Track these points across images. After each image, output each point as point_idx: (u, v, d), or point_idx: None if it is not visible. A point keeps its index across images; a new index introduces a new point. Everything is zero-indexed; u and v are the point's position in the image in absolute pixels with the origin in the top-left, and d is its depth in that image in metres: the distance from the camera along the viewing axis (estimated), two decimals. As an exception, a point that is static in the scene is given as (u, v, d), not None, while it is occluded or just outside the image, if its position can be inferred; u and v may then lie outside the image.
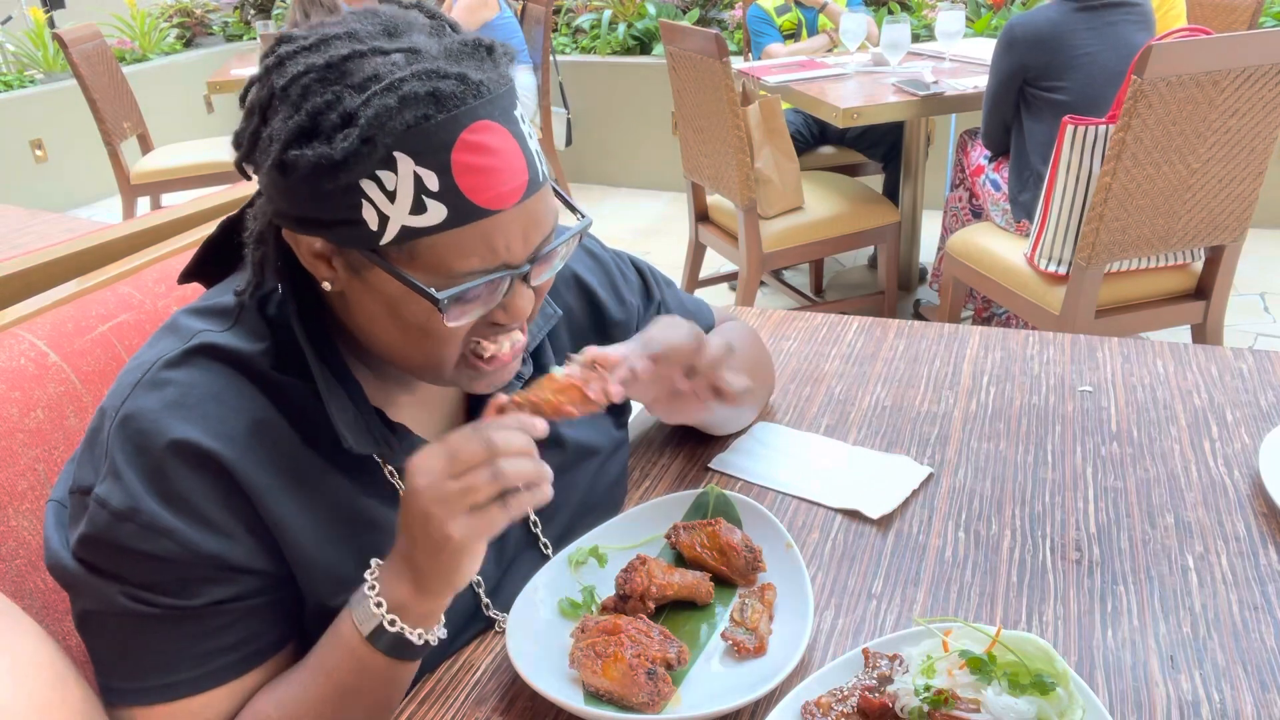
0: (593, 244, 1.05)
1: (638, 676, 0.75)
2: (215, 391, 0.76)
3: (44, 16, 6.08)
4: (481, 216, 0.69)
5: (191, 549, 0.72)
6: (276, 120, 0.69)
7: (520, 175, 0.70)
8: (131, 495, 0.71)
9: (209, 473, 0.73)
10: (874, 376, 1.26)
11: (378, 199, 0.67)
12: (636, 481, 1.08)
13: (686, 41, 2.97)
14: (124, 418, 0.74)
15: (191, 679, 0.75)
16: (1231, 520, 0.95)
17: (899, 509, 1.00)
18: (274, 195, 0.72)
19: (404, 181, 0.67)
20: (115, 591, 0.73)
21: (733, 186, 2.96)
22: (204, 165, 4.35)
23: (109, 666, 0.76)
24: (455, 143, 0.67)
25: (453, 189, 0.67)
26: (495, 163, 0.69)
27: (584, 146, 5.35)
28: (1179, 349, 1.28)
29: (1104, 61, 2.46)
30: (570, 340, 0.98)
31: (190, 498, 0.72)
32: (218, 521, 0.73)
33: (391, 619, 0.73)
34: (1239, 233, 2.38)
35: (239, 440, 0.75)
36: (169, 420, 0.73)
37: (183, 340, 0.78)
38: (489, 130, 0.68)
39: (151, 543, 0.72)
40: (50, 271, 1.16)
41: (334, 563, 0.79)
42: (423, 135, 0.66)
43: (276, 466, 0.76)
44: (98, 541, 0.72)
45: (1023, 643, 0.69)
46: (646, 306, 1.07)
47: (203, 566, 0.73)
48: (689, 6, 5.52)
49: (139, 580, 0.73)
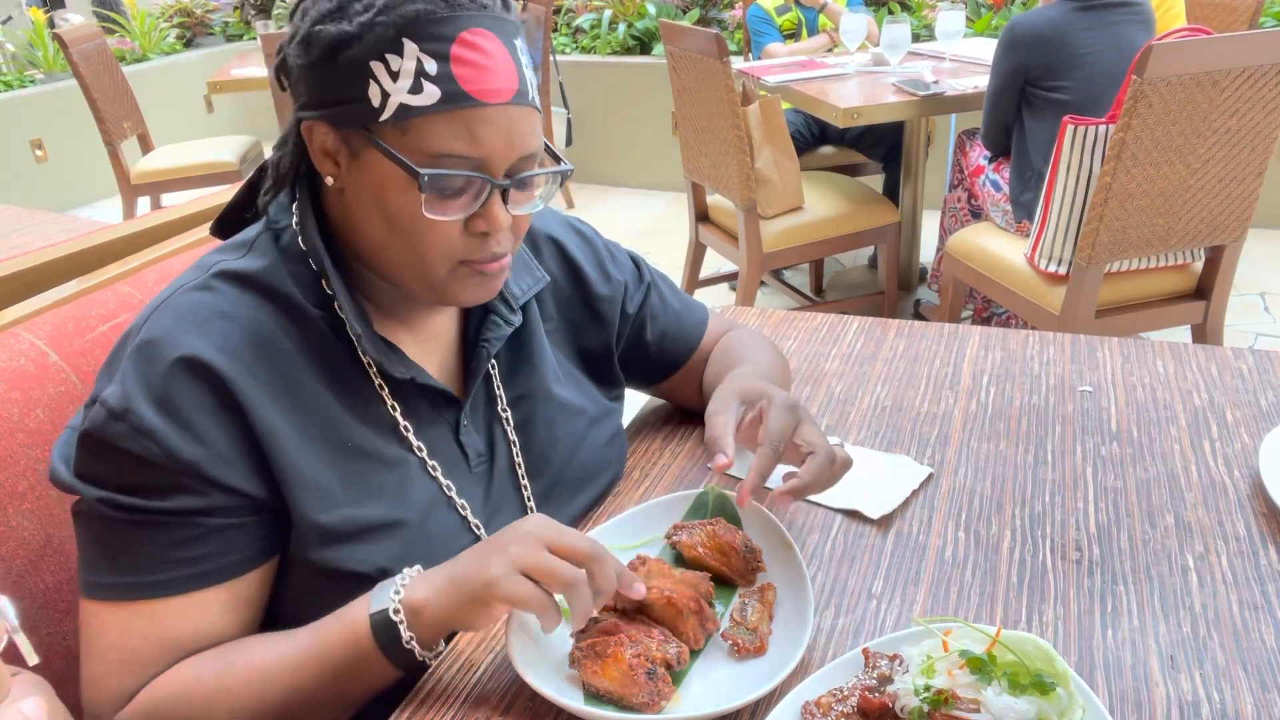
0: (583, 227, 1.09)
1: (638, 676, 0.75)
2: (225, 309, 0.82)
3: (44, 16, 6.08)
4: (469, 104, 0.76)
5: (170, 454, 0.77)
6: (312, 8, 0.78)
7: (511, 81, 0.78)
8: (127, 397, 0.77)
9: (207, 385, 0.78)
10: (874, 376, 1.26)
11: (383, 79, 0.75)
12: (637, 481, 1.08)
13: (686, 41, 2.97)
14: (141, 336, 0.80)
15: (151, 583, 0.78)
16: (1231, 520, 0.95)
17: (899, 509, 1.00)
18: (298, 79, 0.80)
19: (408, 63, 0.75)
20: (96, 490, 0.78)
21: (733, 186, 2.96)
22: (204, 165, 4.35)
23: (86, 561, 0.81)
24: (456, 38, 0.75)
25: (448, 75, 0.75)
26: (489, 63, 0.77)
27: (584, 146, 5.35)
28: (1179, 349, 1.28)
29: (1105, 61, 2.46)
30: (556, 309, 1.03)
31: (182, 406, 0.77)
32: (203, 432, 0.78)
33: (398, 609, 0.76)
34: (1239, 233, 2.38)
35: (242, 355, 0.80)
36: (179, 336, 0.79)
37: (203, 271, 0.85)
38: (486, 37, 0.77)
39: (136, 443, 0.76)
40: (50, 271, 1.16)
41: (321, 480, 0.82)
42: (429, 24, 0.75)
43: (276, 382, 0.81)
44: (89, 438, 0.78)
45: (1023, 643, 0.69)
46: (637, 286, 1.09)
47: (179, 474, 0.77)
48: (689, 6, 5.52)
49: (120, 481, 0.78)
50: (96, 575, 0.79)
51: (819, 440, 0.88)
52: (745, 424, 0.91)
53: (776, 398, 0.90)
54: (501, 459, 0.96)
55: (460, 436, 0.93)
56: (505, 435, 0.96)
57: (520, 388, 0.98)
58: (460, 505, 0.91)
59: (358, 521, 0.83)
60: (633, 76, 5.26)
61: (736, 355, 1.10)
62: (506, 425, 0.97)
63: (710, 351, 1.15)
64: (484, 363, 0.93)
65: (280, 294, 0.84)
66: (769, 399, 0.90)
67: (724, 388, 0.97)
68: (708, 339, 1.15)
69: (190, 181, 4.34)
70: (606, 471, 1.06)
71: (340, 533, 0.83)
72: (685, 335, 1.13)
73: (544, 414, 0.99)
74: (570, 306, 1.04)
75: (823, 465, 0.86)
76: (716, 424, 0.91)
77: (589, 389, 1.06)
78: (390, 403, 0.88)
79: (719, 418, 0.91)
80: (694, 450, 1.13)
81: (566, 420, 1.01)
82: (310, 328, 0.85)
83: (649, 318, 1.10)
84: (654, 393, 1.20)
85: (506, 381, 0.98)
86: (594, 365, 1.07)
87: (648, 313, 1.10)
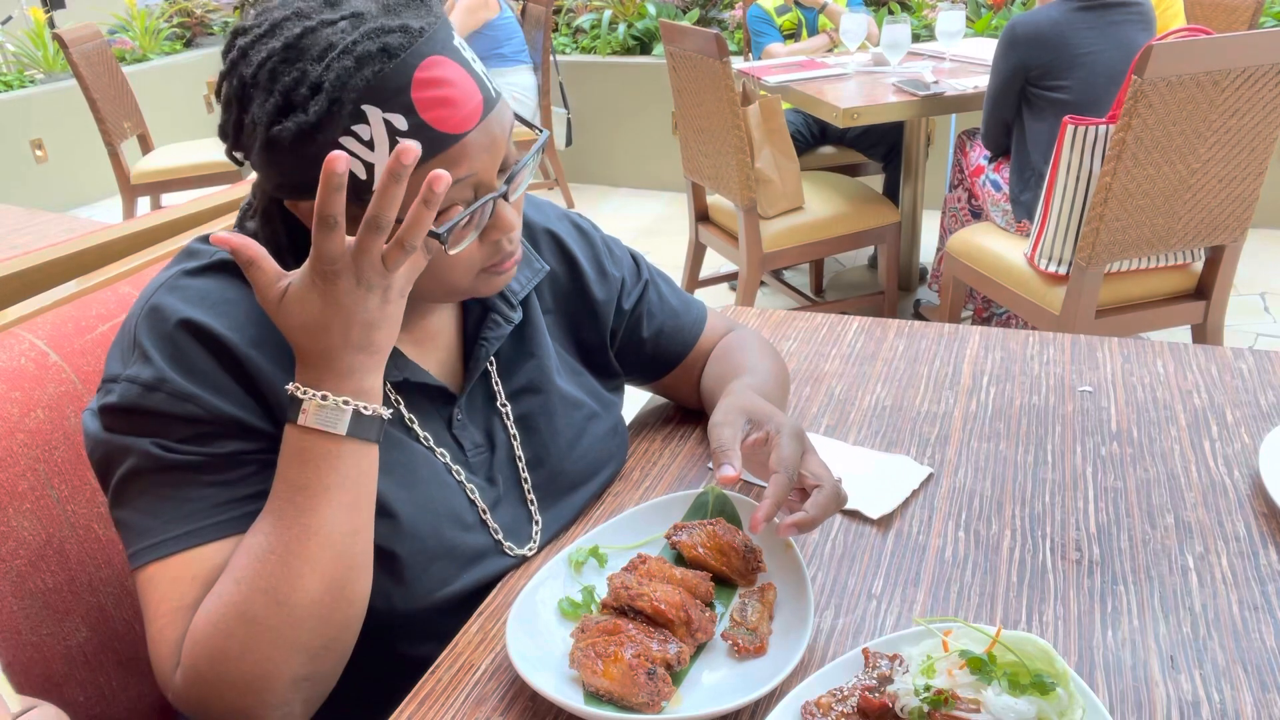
0: (582, 222, 1.09)
1: (638, 676, 0.75)
2: (231, 298, 0.82)
3: (44, 16, 6.07)
4: (452, 142, 0.75)
5: (214, 411, 0.79)
6: (254, 106, 0.76)
7: (475, 97, 0.77)
8: (158, 370, 0.78)
9: (221, 351, 0.80)
10: (874, 376, 1.26)
11: (360, 151, 0.74)
12: (637, 481, 1.08)
13: (686, 41, 2.97)
14: (147, 312, 0.81)
15: (211, 525, 0.79)
16: (1231, 520, 0.95)
17: (899, 509, 1.00)
18: (270, 173, 0.79)
19: (377, 129, 0.74)
20: (148, 444, 0.78)
21: (733, 186, 2.96)
22: (204, 165, 4.36)
23: (137, 531, 0.79)
24: (411, 83, 0.74)
25: (420, 124, 0.74)
26: (451, 92, 0.75)
27: (584, 146, 5.35)
28: (1179, 349, 1.28)
29: (1105, 61, 2.46)
30: (554, 302, 1.04)
31: (207, 371, 0.79)
32: (232, 392, 0.80)
33: (309, 393, 0.75)
34: (1239, 233, 2.38)
35: (249, 338, 0.81)
36: (183, 306, 0.80)
37: (202, 259, 0.85)
38: (438, 64, 0.75)
39: (180, 407, 0.78)
40: (50, 271, 1.16)
41: None
42: (382, 84, 0.73)
43: (276, 354, 0.82)
44: (130, 410, 0.79)
45: (1023, 643, 0.69)
46: (634, 282, 1.10)
47: (224, 424, 0.79)
48: (689, 6, 5.52)
49: (169, 435, 0.79)
50: (149, 539, 0.78)
51: (825, 474, 0.87)
52: (748, 443, 0.90)
53: (786, 425, 0.89)
54: (501, 451, 0.96)
55: (454, 430, 0.93)
56: (505, 428, 0.97)
57: (520, 381, 0.99)
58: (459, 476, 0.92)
59: None
60: (633, 76, 5.26)
61: (737, 361, 1.10)
62: (506, 419, 0.97)
63: (709, 350, 1.15)
64: (483, 361, 0.94)
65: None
66: (778, 426, 0.89)
67: (730, 401, 0.96)
68: (706, 337, 1.15)
69: (190, 181, 4.35)
70: (609, 464, 1.06)
71: None
72: (683, 333, 1.13)
73: (544, 407, 0.99)
74: (568, 300, 1.05)
75: (830, 500, 0.85)
76: (725, 435, 0.90)
77: (588, 381, 1.06)
78: (395, 396, 0.90)
79: (726, 429, 0.90)
80: (694, 450, 1.13)
81: (567, 413, 1.01)
82: None
83: (645, 314, 1.10)
84: (652, 389, 1.20)
85: (507, 375, 0.98)
86: (591, 357, 1.07)
87: (644, 309, 1.10)
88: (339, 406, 0.76)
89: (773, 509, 0.83)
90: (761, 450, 0.90)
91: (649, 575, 0.85)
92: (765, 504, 0.83)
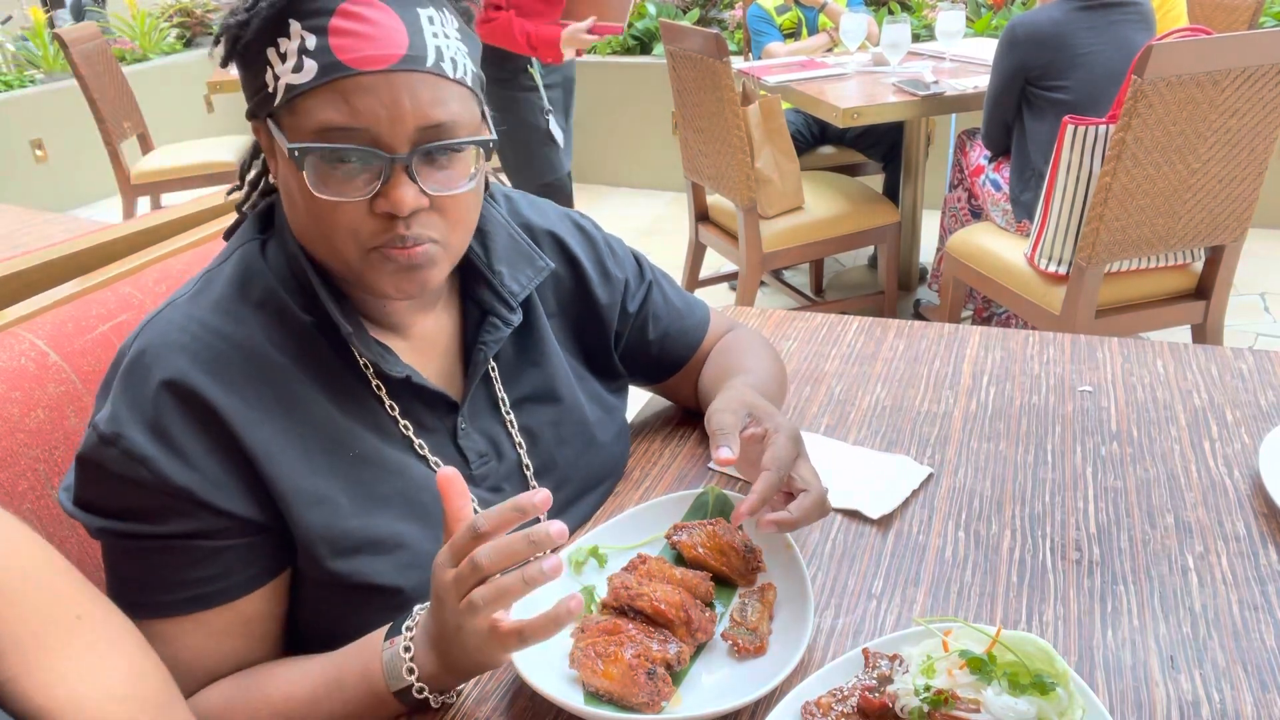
0: (584, 222, 1.08)
1: (638, 676, 0.75)
2: (214, 324, 0.81)
3: (44, 16, 6.07)
4: (344, 73, 0.73)
5: (162, 479, 0.76)
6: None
7: (396, 47, 0.74)
8: (118, 421, 0.76)
9: (195, 409, 0.77)
10: (874, 376, 1.26)
11: (275, 64, 0.75)
12: (637, 481, 1.08)
13: (686, 41, 2.97)
14: (132, 354, 0.80)
15: (156, 604, 0.79)
16: (1231, 520, 0.95)
17: (899, 509, 1.00)
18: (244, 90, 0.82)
19: (293, 43, 0.74)
20: (96, 520, 0.78)
21: (733, 186, 2.96)
22: (204, 165, 4.35)
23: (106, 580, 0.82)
24: (336, 10, 0.74)
25: (324, 48, 0.74)
26: (370, 30, 0.74)
27: (584, 146, 5.35)
28: (1179, 349, 1.28)
29: (1105, 61, 2.46)
30: (557, 304, 1.02)
31: (171, 430, 0.77)
32: (194, 457, 0.77)
33: (420, 687, 0.75)
34: (1239, 233, 2.38)
35: (233, 376, 0.79)
36: (166, 357, 0.78)
37: (195, 284, 0.85)
38: (372, 5, 0.75)
39: (129, 468, 0.76)
40: (50, 271, 1.16)
41: (326, 493, 0.81)
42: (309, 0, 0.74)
43: (268, 399, 0.80)
44: (85, 463, 0.78)
45: (1023, 643, 0.69)
46: (638, 284, 1.09)
47: (172, 498, 0.77)
48: (689, 6, 5.52)
49: (116, 505, 0.78)
50: (111, 594, 0.78)
51: (814, 481, 0.87)
52: (745, 435, 0.90)
53: (784, 426, 0.89)
54: (508, 460, 0.95)
55: (459, 440, 0.92)
56: (510, 437, 0.95)
57: (525, 389, 0.97)
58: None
59: (366, 532, 0.83)
60: (633, 76, 5.25)
61: (736, 359, 1.09)
62: (511, 427, 0.96)
63: (710, 350, 1.15)
64: (481, 366, 0.92)
65: (269, 303, 0.83)
66: (776, 426, 0.89)
67: (731, 394, 0.96)
68: (709, 338, 1.14)
69: (190, 181, 4.34)
70: (614, 468, 1.06)
71: (349, 544, 0.82)
72: (687, 335, 1.12)
73: (550, 415, 0.98)
74: (571, 302, 1.03)
75: (814, 505, 0.85)
76: (725, 419, 0.89)
77: (592, 384, 1.05)
78: (389, 403, 0.88)
79: (728, 415, 0.90)
80: (694, 450, 1.13)
81: (573, 420, 1.00)
82: (302, 335, 0.84)
83: (651, 317, 1.09)
84: (654, 390, 1.20)
85: (510, 382, 0.96)
86: (594, 360, 1.06)
87: (649, 311, 1.09)
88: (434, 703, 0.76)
89: (757, 504, 0.83)
90: (755, 448, 0.90)
91: (649, 575, 0.85)
92: (750, 498, 0.83)
